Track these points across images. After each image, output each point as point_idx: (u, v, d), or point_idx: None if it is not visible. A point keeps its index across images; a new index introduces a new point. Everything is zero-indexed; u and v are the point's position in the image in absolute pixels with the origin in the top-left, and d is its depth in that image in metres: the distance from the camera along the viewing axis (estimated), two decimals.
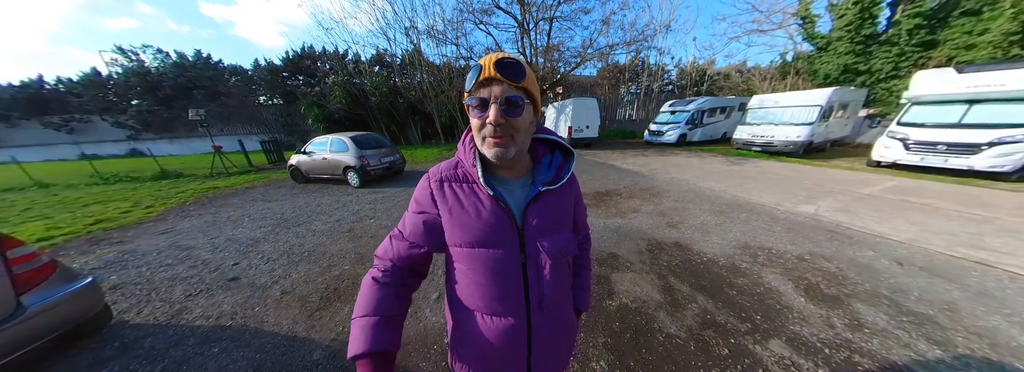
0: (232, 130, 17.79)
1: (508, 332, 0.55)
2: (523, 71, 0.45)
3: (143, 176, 7.46)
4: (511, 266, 0.53)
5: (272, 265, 2.43)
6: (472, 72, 0.46)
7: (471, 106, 0.47)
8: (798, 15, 10.52)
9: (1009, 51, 6.30)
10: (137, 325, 1.72)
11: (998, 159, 4.25)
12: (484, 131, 0.47)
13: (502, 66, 0.44)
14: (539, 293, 0.55)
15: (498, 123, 0.45)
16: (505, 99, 0.45)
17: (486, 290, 0.54)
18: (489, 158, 0.49)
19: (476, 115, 0.47)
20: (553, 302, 0.58)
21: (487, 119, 0.45)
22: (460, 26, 11.63)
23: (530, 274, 0.54)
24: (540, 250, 0.54)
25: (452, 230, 0.54)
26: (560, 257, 0.56)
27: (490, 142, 0.47)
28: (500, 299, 0.55)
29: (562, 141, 0.59)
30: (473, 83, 0.45)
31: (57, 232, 3.43)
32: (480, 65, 0.45)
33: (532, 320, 0.56)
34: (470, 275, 0.54)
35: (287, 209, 4.16)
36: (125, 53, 18.31)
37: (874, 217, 3.10)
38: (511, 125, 0.46)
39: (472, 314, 0.57)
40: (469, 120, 0.51)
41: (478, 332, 0.56)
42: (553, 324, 0.59)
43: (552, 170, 0.57)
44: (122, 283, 2.22)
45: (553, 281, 0.56)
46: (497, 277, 0.53)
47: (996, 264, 2.10)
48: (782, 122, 7.32)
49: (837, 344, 1.43)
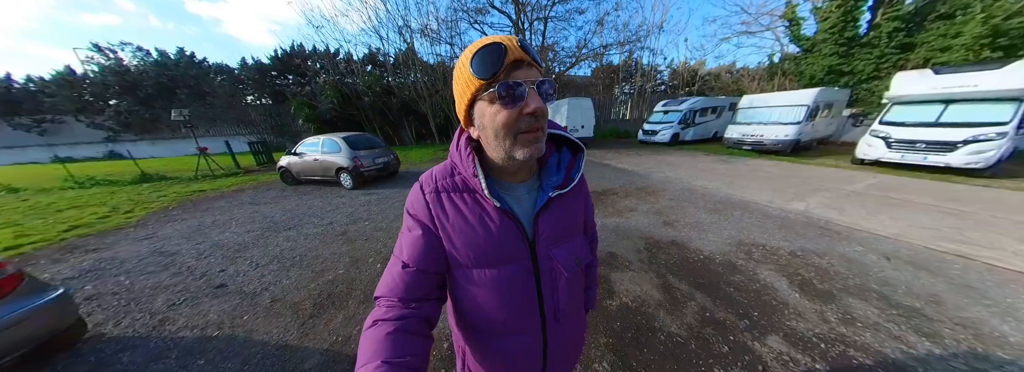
0: (218, 131, 17.21)
1: (523, 349, 0.52)
2: (537, 55, 0.38)
3: (122, 180, 7.13)
4: (523, 282, 0.48)
5: (261, 271, 2.35)
6: (485, 54, 0.35)
7: (499, 95, 0.35)
8: (785, 17, 10.84)
9: (981, 53, 6.62)
10: (115, 338, 1.62)
11: (972, 156, 4.45)
12: (520, 125, 0.37)
13: (526, 46, 0.36)
14: (554, 306, 0.52)
15: (543, 113, 0.37)
16: (539, 83, 0.37)
17: (498, 311, 0.49)
18: (521, 159, 0.39)
19: (508, 106, 0.36)
20: (568, 313, 0.54)
21: (527, 109, 0.36)
22: (454, 25, 11.58)
23: (544, 288, 0.50)
24: (554, 262, 0.49)
25: (455, 249, 0.46)
26: (575, 267, 0.51)
27: (526, 138, 0.38)
28: (513, 318, 0.50)
29: (569, 135, 0.50)
30: (499, 67, 0.35)
31: (26, 240, 3.23)
32: (499, 44, 0.35)
33: (548, 334, 0.53)
34: (479, 296, 0.48)
35: (277, 212, 4.03)
36: (102, 51, 17.52)
37: (861, 213, 3.19)
38: (545, 114, 0.39)
39: (483, 335, 0.52)
40: (470, 121, 0.41)
41: (491, 353, 0.53)
42: (568, 333, 0.57)
43: (561, 171, 0.49)
44: (99, 293, 2.10)
45: (568, 292, 0.52)
46: (509, 296, 0.48)
47: (976, 257, 2.19)
48: (771, 121, 7.51)
49: (832, 339, 1.46)
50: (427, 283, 0.47)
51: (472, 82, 0.37)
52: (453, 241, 0.46)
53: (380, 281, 0.49)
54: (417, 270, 0.47)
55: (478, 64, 0.36)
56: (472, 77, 0.36)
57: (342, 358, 1.42)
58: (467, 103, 0.40)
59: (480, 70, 0.35)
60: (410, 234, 0.48)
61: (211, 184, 6.40)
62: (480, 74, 0.36)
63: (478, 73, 0.36)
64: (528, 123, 0.38)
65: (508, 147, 0.40)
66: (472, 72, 0.36)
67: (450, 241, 0.46)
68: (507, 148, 0.40)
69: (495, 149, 0.41)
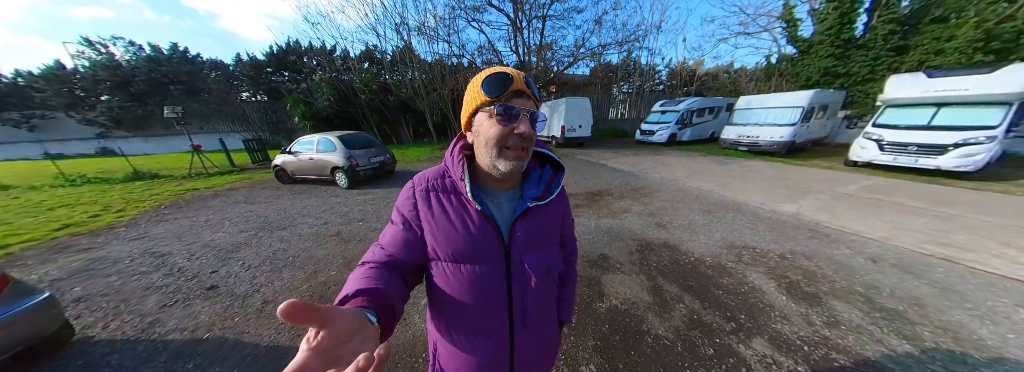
0: (213, 128, 17.01)
1: (490, 351, 0.55)
2: (537, 92, 0.48)
3: (114, 177, 7.03)
4: (495, 283, 0.52)
5: (254, 272, 2.34)
6: (495, 79, 0.45)
7: (498, 113, 0.44)
8: (783, 18, 10.86)
9: (973, 57, 6.69)
10: (103, 341, 1.61)
11: (962, 159, 4.51)
12: (509, 141, 0.45)
13: (529, 83, 0.46)
14: (522, 310, 0.55)
15: (531, 137, 0.46)
16: (532, 114, 0.46)
17: (468, 307, 0.52)
18: (502, 170, 0.47)
19: (503, 123, 0.44)
20: (536, 319, 0.57)
21: (518, 130, 0.44)
22: (452, 23, 11.49)
23: (515, 291, 0.53)
24: (525, 266, 0.53)
25: (435, 243, 0.51)
26: (545, 274, 0.55)
27: (511, 154, 0.46)
28: (483, 317, 0.53)
29: (553, 155, 0.58)
30: (503, 91, 0.44)
31: (15, 239, 3.19)
32: (507, 74, 0.45)
33: (515, 338, 0.55)
34: (452, 291, 0.52)
35: (271, 212, 4.01)
36: (93, 45, 17.17)
37: (851, 215, 3.24)
38: (532, 139, 0.47)
39: (453, 332, 0.56)
40: (469, 127, 0.49)
41: (459, 351, 0.55)
42: (536, 340, 0.59)
43: (541, 185, 0.55)
44: (88, 294, 2.09)
45: (537, 298, 0.56)
46: (480, 294, 0.52)
47: (959, 260, 2.23)
48: (767, 123, 7.56)
49: (815, 341, 1.48)
50: (401, 264, 0.53)
51: (480, 96, 0.46)
52: (434, 235, 0.51)
53: (367, 252, 0.56)
54: (390, 254, 0.53)
55: (488, 84, 0.45)
56: (480, 92, 0.45)
57: None
58: (471, 112, 0.48)
59: (488, 89, 0.45)
60: (393, 227, 0.55)
61: (205, 182, 6.33)
62: (487, 92, 0.45)
63: (486, 91, 0.45)
64: (516, 142, 0.45)
65: (494, 157, 0.47)
66: (482, 89, 0.45)
67: (432, 235, 0.51)
68: (493, 157, 0.47)
69: (483, 156, 0.48)
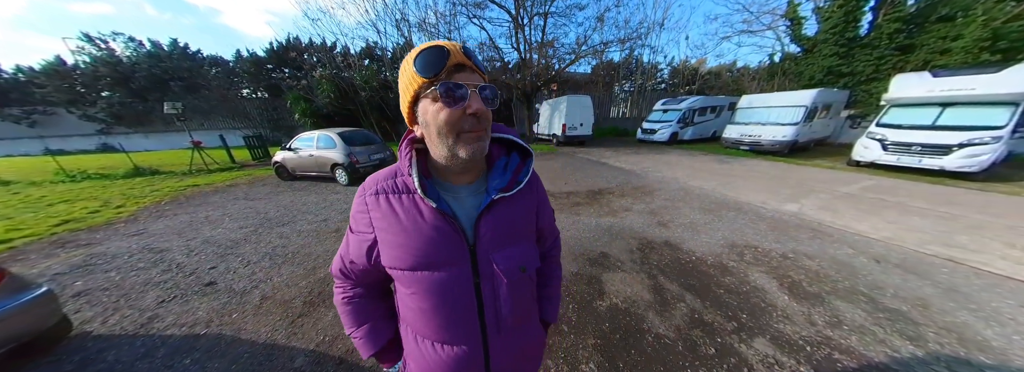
0: (213, 124, 16.98)
1: (461, 362, 0.49)
2: (482, 63, 0.42)
3: (114, 173, 7.04)
4: (461, 288, 0.46)
5: (252, 268, 2.33)
6: (428, 55, 0.37)
7: (441, 94, 0.37)
8: (786, 17, 10.74)
9: (980, 56, 6.61)
10: (101, 336, 1.61)
11: (966, 160, 4.47)
12: (463, 124, 0.39)
13: (469, 53, 0.38)
14: (495, 316, 0.49)
15: (485, 114, 0.40)
16: (481, 88, 0.39)
17: (433, 316, 0.47)
18: (465, 157, 0.41)
19: (450, 105, 0.38)
20: (513, 322, 0.51)
21: (470, 109, 0.38)
22: (453, 20, 11.38)
23: (485, 294, 0.48)
24: (494, 267, 0.47)
25: (388, 251, 0.46)
26: (517, 274, 0.49)
27: (470, 137, 0.40)
28: (449, 326, 0.48)
29: (518, 140, 0.50)
30: (441, 68, 0.37)
31: (17, 234, 3.19)
32: (441, 47, 0.37)
33: (489, 346, 0.50)
34: (414, 300, 0.47)
35: (271, 208, 4.00)
36: (93, 41, 17.11)
37: (854, 215, 3.21)
38: (487, 118, 0.41)
39: (421, 342, 0.51)
40: (414, 119, 0.43)
41: (428, 363, 0.50)
42: (515, 345, 0.54)
43: (508, 174, 0.48)
44: (88, 289, 2.08)
45: (511, 301, 0.50)
46: (445, 302, 0.46)
47: (963, 261, 2.21)
48: (769, 122, 7.51)
49: (817, 342, 1.47)
50: (368, 272, 0.53)
51: (415, 80, 0.39)
52: (388, 243, 0.46)
53: (333, 261, 0.57)
54: (352, 262, 0.52)
55: (421, 63, 0.37)
56: (415, 75, 0.38)
57: (330, 357, 1.42)
58: (410, 100, 0.41)
59: (422, 69, 0.37)
60: (351, 235, 0.51)
61: (205, 178, 6.33)
62: (422, 73, 0.37)
63: (421, 72, 0.38)
64: (471, 124, 0.39)
65: (451, 145, 0.41)
66: (415, 70, 0.38)
67: (385, 243, 0.46)
68: (450, 146, 0.41)
69: (438, 146, 0.42)
